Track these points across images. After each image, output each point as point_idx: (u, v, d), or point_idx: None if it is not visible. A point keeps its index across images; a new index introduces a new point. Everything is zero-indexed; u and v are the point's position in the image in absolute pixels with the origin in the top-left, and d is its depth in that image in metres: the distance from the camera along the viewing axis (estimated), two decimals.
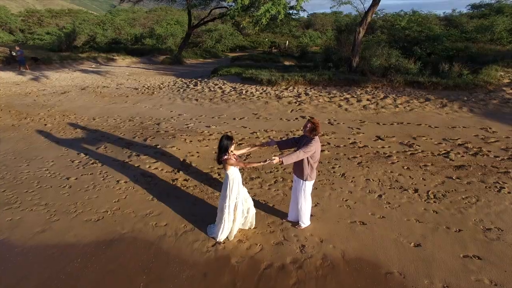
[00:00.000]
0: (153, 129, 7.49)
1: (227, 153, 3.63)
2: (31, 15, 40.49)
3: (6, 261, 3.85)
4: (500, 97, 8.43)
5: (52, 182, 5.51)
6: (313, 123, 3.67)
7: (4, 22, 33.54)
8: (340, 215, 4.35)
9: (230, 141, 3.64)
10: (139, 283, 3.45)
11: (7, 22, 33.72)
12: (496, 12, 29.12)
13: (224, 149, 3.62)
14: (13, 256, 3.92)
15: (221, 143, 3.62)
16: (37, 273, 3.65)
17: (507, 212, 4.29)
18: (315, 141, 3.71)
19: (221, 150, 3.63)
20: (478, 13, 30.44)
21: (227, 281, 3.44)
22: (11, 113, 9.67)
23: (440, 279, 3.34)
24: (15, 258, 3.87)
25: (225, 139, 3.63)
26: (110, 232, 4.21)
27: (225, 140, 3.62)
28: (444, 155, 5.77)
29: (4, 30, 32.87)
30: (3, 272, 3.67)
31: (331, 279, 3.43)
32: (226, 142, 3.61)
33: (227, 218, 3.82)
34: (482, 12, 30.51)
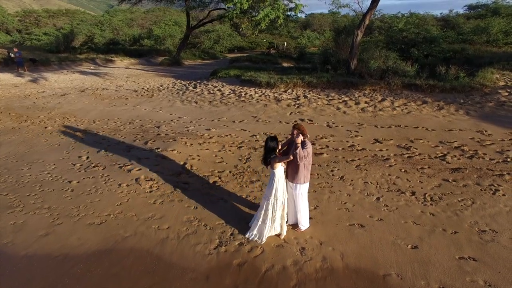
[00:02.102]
0: (153, 132, 7.56)
1: (274, 152, 3.76)
2: (28, 15, 40.38)
3: (10, 265, 3.91)
4: (495, 99, 8.56)
5: (54, 185, 5.57)
6: (298, 129, 3.78)
7: (1, 22, 33.51)
8: (339, 218, 4.45)
9: (276, 142, 3.78)
10: (143, 284, 3.53)
11: (4, 23, 33.69)
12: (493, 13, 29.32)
13: (272, 150, 3.76)
14: (17, 259, 3.98)
15: (268, 145, 3.77)
16: (41, 277, 3.72)
17: (501, 214, 4.40)
18: (308, 143, 3.81)
19: (269, 151, 3.76)
20: (475, 14, 30.65)
21: (229, 283, 3.52)
22: (11, 116, 9.71)
23: (436, 280, 3.44)
24: (19, 262, 3.93)
25: (270, 141, 3.77)
26: (113, 236, 4.28)
27: (271, 142, 3.76)
28: (441, 158, 5.88)
29: (1, 30, 32.73)
30: (8, 275, 3.73)
31: (330, 280, 3.52)
32: (273, 144, 3.76)
33: (275, 217, 3.89)
34: (479, 13, 30.72)
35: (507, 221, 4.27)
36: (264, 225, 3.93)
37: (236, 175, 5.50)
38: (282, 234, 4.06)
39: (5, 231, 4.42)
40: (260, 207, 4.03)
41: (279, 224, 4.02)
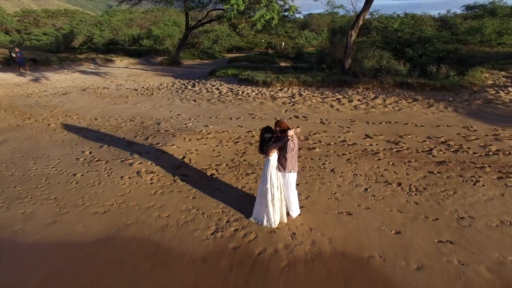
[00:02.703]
0: (153, 129, 7.84)
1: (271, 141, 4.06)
2: (27, 15, 40.36)
3: (21, 250, 4.18)
4: (483, 97, 8.86)
5: (60, 178, 5.84)
6: (280, 126, 4.08)
7: (0, 22, 33.57)
8: (328, 207, 4.73)
9: (270, 132, 4.07)
10: (145, 267, 3.80)
11: (3, 23, 33.80)
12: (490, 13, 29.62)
13: (268, 140, 4.04)
14: (27, 245, 4.25)
15: (264, 137, 4.04)
16: (50, 261, 3.98)
17: (479, 202, 4.69)
18: (294, 139, 4.08)
19: (265, 141, 4.04)
20: (472, 14, 30.90)
21: (225, 265, 3.80)
22: (15, 114, 9.96)
23: (416, 260, 3.73)
24: (29, 247, 4.20)
25: (265, 133, 4.05)
26: (116, 224, 4.55)
27: (267, 134, 4.04)
28: (427, 152, 6.18)
29: (0, 30, 32.73)
30: (19, 260, 4.00)
31: (318, 262, 3.80)
32: (268, 135, 4.04)
33: (273, 201, 4.16)
34: (476, 13, 30.97)
35: (484, 208, 4.56)
36: (267, 209, 4.20)
37: (232, 168, 5.79)
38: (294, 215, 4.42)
39: (15, 220, 4.69)
40: (258, 194, 4.31)
41: (294, 206, 4.35)
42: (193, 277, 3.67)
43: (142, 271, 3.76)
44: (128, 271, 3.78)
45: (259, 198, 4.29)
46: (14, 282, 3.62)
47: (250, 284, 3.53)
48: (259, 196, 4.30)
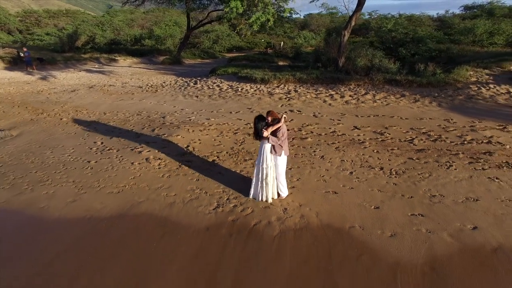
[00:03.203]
0: (159, 122, 8.40)
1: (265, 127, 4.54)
2: (29, 16, 40.68)
3: (47, 224, 4.73)
4: (465, 93, 9.42)
5: (76, 164, 6.40)
6: (272, 115, 4.58)
7: (3, 22, 33.95)
8: (317, 187, 5.30)
9: (263, 119, 4.56)
10: (156, 235, 4.36)
11: (6, 23, 34.13)
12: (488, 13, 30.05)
13: (262, 127, 4.53)
14: (53, 219, 4.81)
15: (258, 125, 4.53)
16: (73, 232, 4.53)
17: (450, 183, 5.26)
18: (283, 126, 4.61)
19: (259, 129, 4.52)
20: (470, 14, 31.28)
21: (225, 233, 4.36)
22: (28, 109, 10.52)
23: (390, 229, 4.29)
24: (54, 221, 4.76)
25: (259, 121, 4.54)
26: (129, 201, 5.11)
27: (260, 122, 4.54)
28: (409, 141, 6.74)
29: (3, 30, 33.02)
30: (46, 232, 4.55)
31: (306, 231, 4.37)
32: (261, 123, 4.53)
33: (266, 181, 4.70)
34: (474, 13, 31.35)
35: (453, 188, 5.13)
36: (261, 186, 4.77)
37: (232, 155, 6.35)
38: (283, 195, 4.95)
39: (40, 199, 5.25)
40: (255, 174, 4.87)
41: (281, 186, 4.88)
42: (198, 242, 4.23)
43: (153, 238, 4.32)
44: (142, 239, 4.34)
45: (256, 177, 4.86)
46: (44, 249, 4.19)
47: (247, 247, 4.10)
48: (255, 176, 4.87)
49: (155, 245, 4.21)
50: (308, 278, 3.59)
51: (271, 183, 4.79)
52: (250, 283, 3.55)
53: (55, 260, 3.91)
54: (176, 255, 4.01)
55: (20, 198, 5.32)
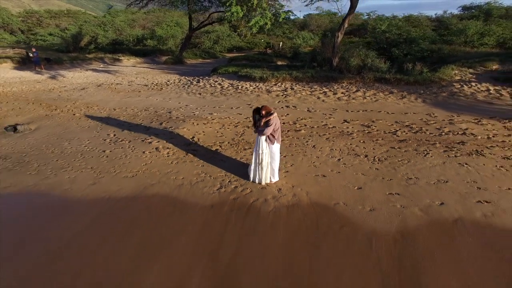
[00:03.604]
0: (166, 116, 9.03)
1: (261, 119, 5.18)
2: (30, 16, 40.81)
3: (71, 203, 5.36)
4: (449, 91, 10.04)
5: (92, 154, 7.04)
6: (265, 109, 5.19)
7: (6, 23, 34.18)
8: (308, 171, 5.94)
9: (259, 113, 5.18)
10: (166, 212, 4.99)
11: (8, 23, 34.35)
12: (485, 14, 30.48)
13: (258, 119, 5.18)
14: (76, 199, 5.45)
15: (255, 117, 5.20)
16: (93, 210, 5.15)
17: (425, 168, 5.90)
18: (274, 119, 5.21)
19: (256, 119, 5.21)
20: (468, 15, 31.68)
21: (227, 209, 5.00)
22: (42, 106, 11.14)
23: (369, 206, 4.93)
24: (78, 200, 5.40)
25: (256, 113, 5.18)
26: (143, 184, 5.74)
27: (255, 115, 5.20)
28: (393, 133, 7.38)
29: (6, 31, 33.24)
30: (70, 211, 5.18)
31: (297, 208, 5.00)
32: (257, 116, 5.18)
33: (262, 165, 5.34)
34: (472, 13, 31.75)
35: (428, 172, 5.77)
36: (257, 169, 5.41)
37: (233, 145, 6.99)
38: (274, 180, 5.56)
39: (64, 182, 5.88)
40: (253, 159, 5.50)
41: (272, 171, 5.52)
42: (203, 218, 4.86)
43: (165, 215, 4.95)
44: (154, 215, 4.97)
45: (254, 162, 5.50)
46: (71, 223, 4.84)
47: (246, 221, 4.74)
48: (253, 161, 5.51)
49: (166, 220, 4.85)
50: (298, 246, 4.23)
51: (266, 167, 5.43)
52: (249, 251, 4.18)
53: (84, 231, 4.56)
54: (184, 229, 4.63)
55: (46, 182, 5.96)
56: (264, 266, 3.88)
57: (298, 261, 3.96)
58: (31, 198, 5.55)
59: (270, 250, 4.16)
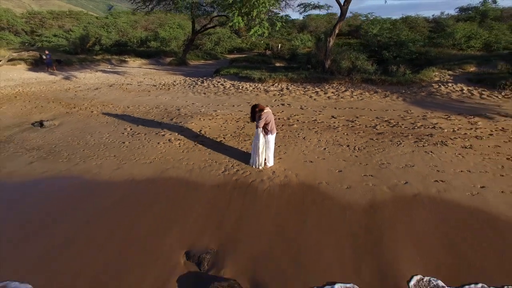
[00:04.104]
0: (175, 113, 10.04)
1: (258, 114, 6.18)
2: (33, 17, 40.94)
3: (100, 185, 6.35)
4: (427, 90, 11.04)
5: (113, 145, 8.04)
6: (259, 107, 6.22)
7: (11, 24, 34.33)
8: (298, 158, 6.95)
9: (256, 106, 6.23)
10: (183, 190, 6.00)
11: (13, 25, 34.48)
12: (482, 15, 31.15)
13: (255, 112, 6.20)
14: (104, 181, 6.44)
15: (253, 113, 6.25)
16: (119, 191, 6.12)
17: (397, 155, 6.90)
18: (265, 114, 6.18)
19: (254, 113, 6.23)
20: (465, 16, 32.09)
21: (230, 188, 6.00)
22: (62, 104, 12.14)
23: (346, 184, 5.94)
24: (105, 182, 6.40)
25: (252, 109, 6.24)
26: (159, 169, 6.74)
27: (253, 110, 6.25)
28: (373, 127, 8.39)
29: (11, 32, 33.36)
30: (100, 190, 6.18)
31: (288, 186, 6.00)
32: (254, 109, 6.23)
33: (259, 152, 6.37)
34: (469, 15, 32.36)
35: (398, 159, 6.78)
36: (256, 155, 6.44)
37: (234, 137, 8.01)
38: (268, 165, 6.59)
39: (92, 168, 6.89)
40: (252, 147, 6.52)
41: (266, 157, 6.54)
42: (211, 195, 5.86)
43: (179, 192, 5.95)
44: (170, 193, 5.97)
45: (253, 150, 6.52)
46: (101, 200, 5.86)
47: (246, 196, 5.74)
48: (252, 149, 6.53)
49: (180, 197, 5.87)
50: (288, 215, 5.22)
51: (262, 154, 6.47)
52: (248, 221, 5.14)
53: (113, 206, 5.58)
54: (196, 203, 5.63)
55: (77, 168, 6.97)
56: (260, 229, 4.88)
57: (288, 226, 4.97)
58: (67, 180, 6.56)
59: (265, 218, 5.16)
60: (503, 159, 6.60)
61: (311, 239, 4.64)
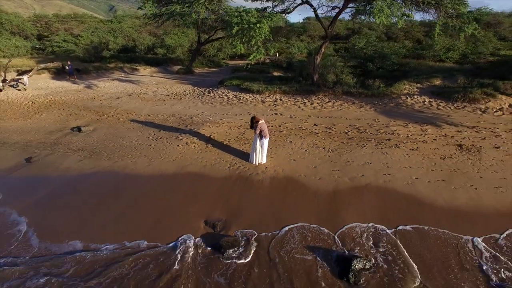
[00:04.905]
0: (189, 121, 12.08)
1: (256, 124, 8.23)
2: (39, 20, 42.03)
3: (138, 177, 8.37)
4: (396, 102, 13.06)
5: (142, 147, 10.08)
6: (255, 119, 8.28)
7: (21, 29, 35.07)
8: (284, 157, 8.98)
9: (253, 118, 8.24)
10: (197, 181, 8.03)
11: (23, 29, 35.20)
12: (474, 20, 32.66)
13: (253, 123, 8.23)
14: (139, 174, 8.46)
15: (252, 123, 8.26)
16: (153, 181, 8.14)
17: (360, 155, 8.91)
18: (260, 124, 8.21)
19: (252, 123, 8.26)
20: None
21: (234, 179, 8.01)
22: (92, 112, 14.17)
23: (319, 176, 7.96)
24: (141, 175, 8.44)
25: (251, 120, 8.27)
26: (180, 165, 8.75)
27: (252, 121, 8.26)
28: (345, 133, 10.42)
29: (21, 37, 33.92)
30: (139, 181, 8.22)
31: (276, 177, 8.00)
32: (252, 121, 8.24)
33: (256, 151, 8.37)
34: None
35: (360, 157, 8.79)
36: (254, 155, 8.49)
37: (237, 140, 10.05)
38: (262, 162, 8.64)
39: (129, 164, 8.91)
40: (252, 148, 8.57)
41: (260, 156, 8.59)
42: (219, 184, 7.87)
43: (196, 182, 7.99)
44: (190, 182, 7.99)
45: (251, 150, 8.58)
46: (138, 189, 7.91)
47: (245, 184, 7.75)
48: (251, 150, 8.59)
49: (197, 185, 7.93)
50: (275, 196, 7.24)
51: (258, 154, 8.52)
52: (246, 199, 7.13)
53: (148, 192, 7.63)
54: (208, 189, 7.63)
55: (117, 164, 9.01)
56: (255, 205, 6.91)
57: (275, 203, 6.96)
58: (111, 174, 8.61)
59: (259, 198, 7.18)
60: (437, 158, 8.64)
61: (291, 209, 6.66)
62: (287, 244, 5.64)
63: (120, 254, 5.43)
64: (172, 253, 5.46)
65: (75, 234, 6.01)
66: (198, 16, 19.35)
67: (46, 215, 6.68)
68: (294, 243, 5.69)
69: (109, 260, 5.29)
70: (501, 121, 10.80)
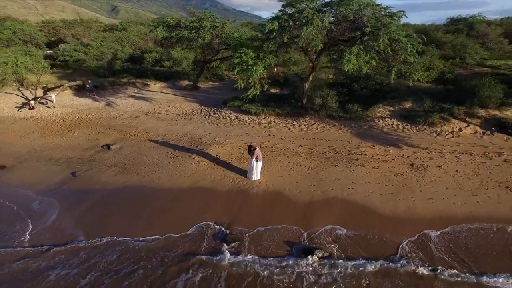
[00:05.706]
0: (199, 141, 14.49)
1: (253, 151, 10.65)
2: (46, 26, 43.35)
3: (162, 190, 10.77)
4: (369, 124, 15.44)
5: (163, 164, 12.47)
6: (252, 147, 10.73)
7: (33, 37, 36.45)
8: (274, 174, 11.36)
9: (251, 148, 10.62)
10: (207, 193, 10.42)
11: (35, 38, 36.63)
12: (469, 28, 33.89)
13: (250, 150, 10.66)
14: (161, 188, 10.87)
15: (249, 150, 10.67)
16: (174, 193, 10.50)
17: (333, 172, 11.28)
18: (256, 151, 10.61)
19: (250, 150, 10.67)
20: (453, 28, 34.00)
21: (235, 192, 10.38)
22: (116, 131, 16.58)
23: (299, 190, 10.34)
24: (162, 189, 10.85)
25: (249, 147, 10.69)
26: (194, 181, 11.14)
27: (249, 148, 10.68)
28: (323, 153, 12.82)
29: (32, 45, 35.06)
30: (163, 193, 10.61)
31: (267, 191, 10.37)
32: (250, 148, 10.65)
33: (253, 170, 10.76)
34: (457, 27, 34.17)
35: (333, 174, 11.18)
36: (251, 173, 10.89)
37: (238, 159, 12.46)
38: (257, 179, 11.05)
39: (154, 179, 11.31)
40: (249, 167, 10.98)
41: (256, 174, 11.00)
42: (224, 196, 10.27)
43: (207, 195, 10.38)
44: (201, 194, 10.41)
45: (249, 169, 10.99)
46: (161, 200, 10.34)
47: (243, 196, 10.14)
48: (249, 168, 10.99)
49: (207, 196, 10.33)
50: (265, 205, 9.66)
51: (254, 173, 10.95)
52: (245, 207, 9.57)
53: (170, 202, 10.04)
54: (216, 200, 10.03)
55: (144, 179, 11.43)
56: (251, 211, 9.33)
57: (266, 211, 9.34)
58: (141, 186, 11.03)
59: (254, 207, 9.57)
60: (392, 175, 11.03)
61: (276, 216, 9.07)
62: (271, 238, 8.07)
63: (159, 243, 7.86)
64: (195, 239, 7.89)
65: (121, 232, 8.44)
66: (204, 40, 21.89)
67: (96, 220, 9.09)
68: (277, 237, 8.11)
69: (153, 246, 7.73)
70: (449, 143, 13.20)
